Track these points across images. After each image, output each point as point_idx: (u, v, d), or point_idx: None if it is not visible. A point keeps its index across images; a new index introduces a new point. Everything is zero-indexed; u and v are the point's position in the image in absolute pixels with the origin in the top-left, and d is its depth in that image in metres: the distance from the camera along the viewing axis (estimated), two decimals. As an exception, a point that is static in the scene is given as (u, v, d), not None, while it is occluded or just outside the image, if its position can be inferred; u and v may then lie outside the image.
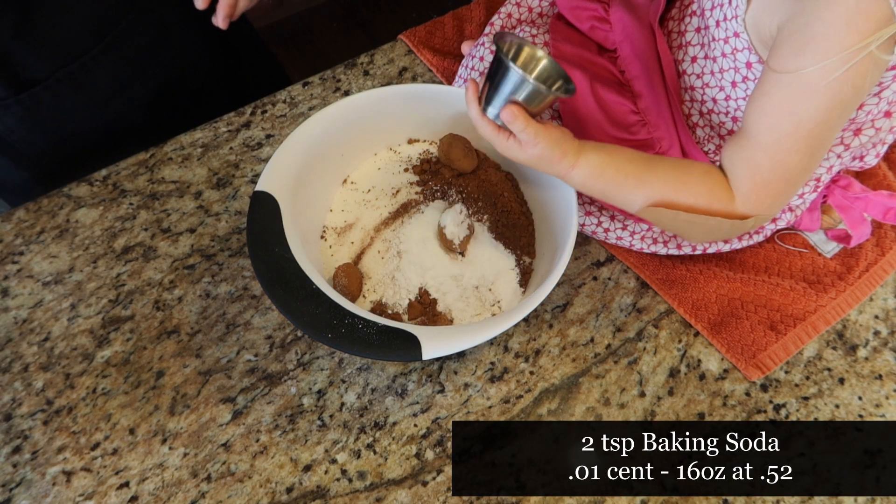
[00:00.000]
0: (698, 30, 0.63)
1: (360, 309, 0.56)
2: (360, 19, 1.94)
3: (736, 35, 0.57)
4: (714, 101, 0.63)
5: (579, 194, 0.64)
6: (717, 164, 0.58)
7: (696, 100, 0.65)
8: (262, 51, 1.02)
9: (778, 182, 0.54)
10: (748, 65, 0.58)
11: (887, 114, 0.58)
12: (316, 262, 0.64)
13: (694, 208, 0.56)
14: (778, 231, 0.72)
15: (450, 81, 0.83)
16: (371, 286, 0.65)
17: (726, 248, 0.69)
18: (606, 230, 0.69)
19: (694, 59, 0.63)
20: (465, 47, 0.83)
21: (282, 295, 0.56)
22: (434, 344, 0.54)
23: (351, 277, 0.63)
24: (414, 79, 0.85)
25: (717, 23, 0.59)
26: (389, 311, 0.63)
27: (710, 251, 0.69)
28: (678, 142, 0.66)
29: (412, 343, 0.54)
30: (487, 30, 0.79)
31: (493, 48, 0.73)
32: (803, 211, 0.69)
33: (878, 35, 0.45)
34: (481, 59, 0.74)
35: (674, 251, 0.68)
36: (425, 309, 0.62)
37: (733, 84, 0.60)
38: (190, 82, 0.87)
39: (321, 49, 1.89)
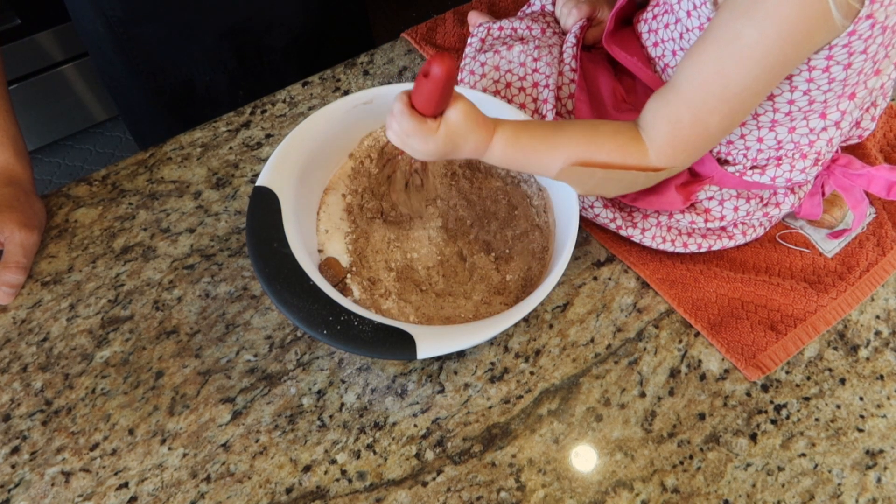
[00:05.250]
0: (667, 26, 0.64)
1: (357, 306, 0.56)
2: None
3: (709, 20, 0.57)
4: None
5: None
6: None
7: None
8: (355, 8, 1.04)
9: (696, 139, 0.56)
10: None
11: (876, 72, 0.57)
12: (314, 258, 0.64)
13: (608, 164, 0.56)
14: (778, 223, 0.72)
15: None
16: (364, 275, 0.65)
17: (731, 244, 0.69)
18: (619, 227, 0.69)
19: (674, 53, 0.64)
20: (473, 17, 0.84)
21: (279, 290, 0.56)
22: (430, 343, 0.54)
23: (336, 268, 0.64)
24: (414, 78, 0.85)
25: (688, 13, 0.60)
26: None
27: (714, 248, 0.68)
28: None
29: (407, 342, 0.53)
30: (478, 45, 0.79)
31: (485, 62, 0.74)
32: (805, 194, 0.69)
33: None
34: (482, 64, 0.74)
35: (680, 249, 0.68)
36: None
37: None
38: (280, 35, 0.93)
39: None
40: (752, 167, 0.64)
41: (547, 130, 0.58)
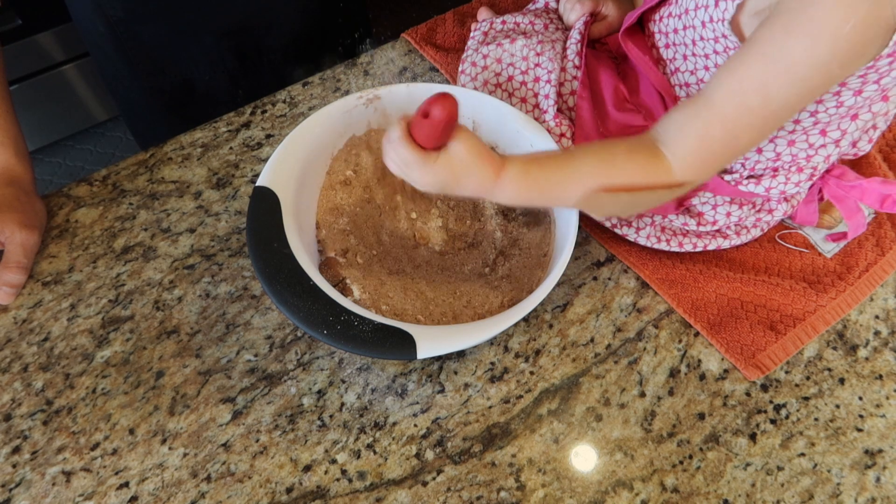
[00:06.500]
0: (676, 31, 0.63)
1: (357, 306, 0.56)
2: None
3: (724, 36, 0.57)
4: None
5: None
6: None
7: (693, 94, 0.65)
8: (355, 9, 1.04)
9: (724, 153, 0.54)
10: None
11: (884, 98, 0.57)
12: (314, 258, 0.64)
13: (631, 186, 0.54)
14: (776, 224, 0.72)
15: (453, 76, 0.83)
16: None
17: (727, 244, 0.69)
18: (614, 225, 0.69)
19: (685, 57, 0.64)
20: (483, 14, 0.84)
21: (279, 290, 0.56)
22: (430, 343, 0.54)
23: (336, 268, 0.64)
24: (414, 78, 0.85)
25: (703, 24, 0.59)
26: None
27: (710, 248, 0.68)
28: None
29: (407, 342, 0.54)
30: (480, 38, 0.79)
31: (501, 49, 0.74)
32: (799, 202, 0.69)
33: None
34: (484, 56, 0.74)
35: (675, 248, 0.68)
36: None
37: None
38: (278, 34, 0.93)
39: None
40: (749, 177, 0.64)
41: (560, 160, 0.56)
